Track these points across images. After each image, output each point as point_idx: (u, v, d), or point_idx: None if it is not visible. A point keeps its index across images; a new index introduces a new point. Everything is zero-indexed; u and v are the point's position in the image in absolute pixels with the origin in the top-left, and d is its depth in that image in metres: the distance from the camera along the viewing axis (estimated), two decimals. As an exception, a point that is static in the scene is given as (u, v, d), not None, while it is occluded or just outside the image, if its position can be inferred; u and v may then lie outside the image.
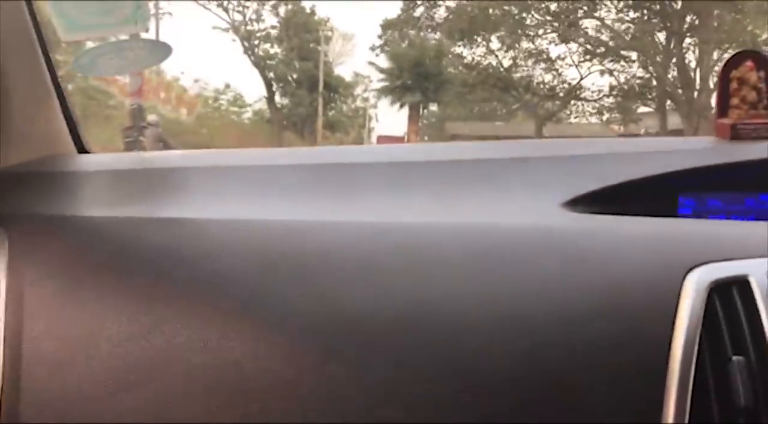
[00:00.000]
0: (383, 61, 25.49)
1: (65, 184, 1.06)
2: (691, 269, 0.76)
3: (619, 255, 0.81)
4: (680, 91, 24.02)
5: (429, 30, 25.67)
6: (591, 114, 33.44)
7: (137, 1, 1.14)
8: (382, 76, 25.08)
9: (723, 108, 1.15)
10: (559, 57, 31.23)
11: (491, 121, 41.67)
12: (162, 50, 1.21)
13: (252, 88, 32.86)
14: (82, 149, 1.26)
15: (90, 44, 1.20)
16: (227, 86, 36.64)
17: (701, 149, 1.10)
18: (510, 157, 1.06)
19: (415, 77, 22.75)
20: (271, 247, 0.86)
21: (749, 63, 1.12)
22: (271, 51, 32.96)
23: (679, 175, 1.00)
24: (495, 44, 30.54)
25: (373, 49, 28.70)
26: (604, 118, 33.33)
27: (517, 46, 30.54)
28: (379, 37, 26.31)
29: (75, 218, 0.94)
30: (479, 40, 28.92)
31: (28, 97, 1.12)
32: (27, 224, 0.93)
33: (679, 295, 0.74)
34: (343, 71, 40.71)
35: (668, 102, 27.62)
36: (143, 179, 1.08)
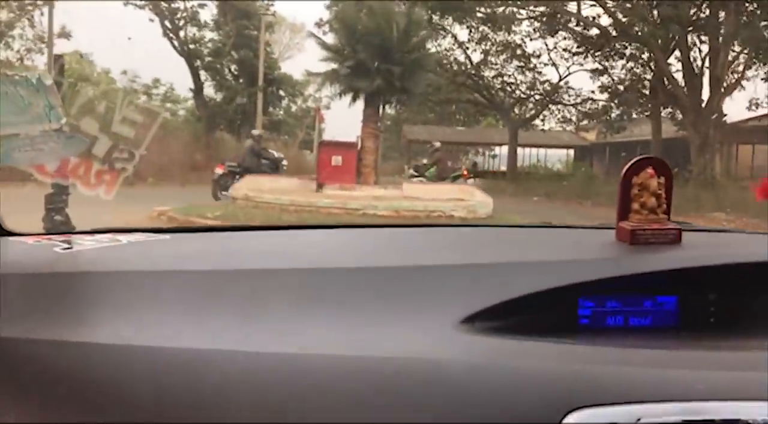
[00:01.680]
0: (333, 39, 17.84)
1: None
2: (568, 413, 0.82)
3: (502, 393, 0.87)
4: (686, 93, 20.01)
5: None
6: (567, 120, 29.59)
7: (50, 101, 1.24)
8: (327, 55, 16.99)
9: (624, 212, 1.23)
10: (534, 54, 27.32)
11: (453, 126, 38.02)
12: (77, 143, 1.29)
13: (186, 80, 27.49)
14: (2, 231, 1.33)
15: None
16: (157, 80, 32.15)
17: (600, 259, 1.17)
18: (414, 266, 1.13)
19: (374, 56, 15.53)
20: (173, 376, 0.90)
21: (650, 170, 1.20)
22: (200, 35, 28.12)
23: (579, 286, 1.06)
24: (464, 35, 26.43)
25: (319, 24, 23.33)
26: (585, 123, 29.47)
27: (489, 37, 26.41)
28: (328, 7, 20.69)
29: None
30: (446, 25, 24.68)
31: None
32: None
33: None
34: (292, 67, 36.02)
35: (663, 108, 23.79)
36: (58, 291, 1.08)
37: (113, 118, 1.30)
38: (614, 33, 22.10)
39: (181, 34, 26.58)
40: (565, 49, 26.05)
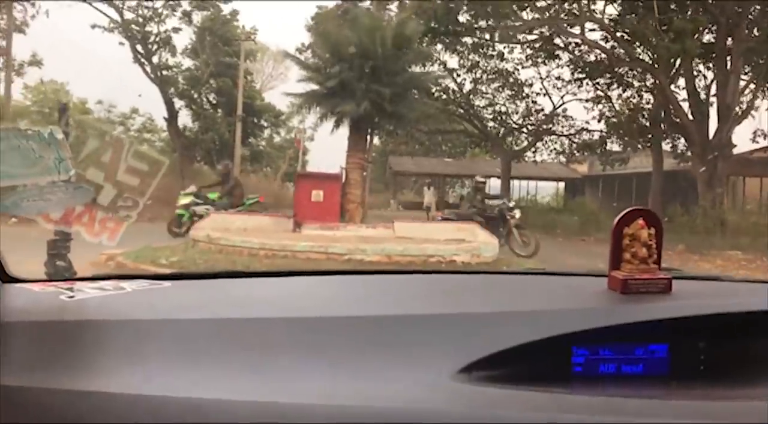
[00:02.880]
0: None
1: None
2: None
3: None
4: (692, 122, 18.69)
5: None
6: (561, 152, 28.38)
7: (60, 154, 1.29)
8: (306, 74, 14.80)
9: (615, 261, 1.27)
10: (526, 82, 26.14)
11: (440, 157, 36.85)
12: (83, 194, 1.34)
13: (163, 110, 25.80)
14: (7, 278, 1.36)
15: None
16: (135, 111, 30.68)
17: (593, 309, 1.18)
18: (410, 315, 1.14)
19: (361, 76, 13.39)
20: None
21: (640, 221, 1.25)
22: (176, 62, 26.62)
23: (573, 335, 1.07)
24: (453, 62, 25.14)
25: (301, 50, 21.52)
26: (579, 155, 28.23)
27: (480, 64, 25.15)
28: (309, 29, 18.74)
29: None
30: (437, 51, 23.30)
31: None
32: None
33: None
34: (275, 98, 34.75)
35: (665, 139, 22.56)
36: (65, 340, 1.09)
37: (118, 167, 1.34)
38: (617, 57, 20.85)
39: (155, 59, 25.05)
40: (558, 78, 24.98)
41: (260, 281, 1.65)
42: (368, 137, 15.41)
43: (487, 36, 22.62)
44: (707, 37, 19.45)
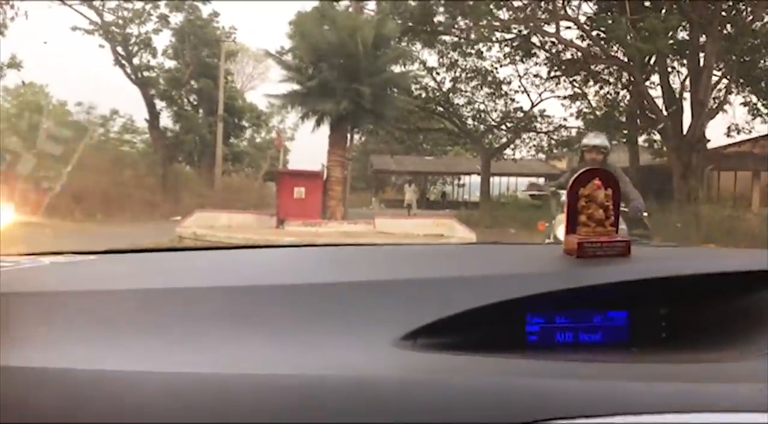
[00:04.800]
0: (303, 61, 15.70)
1: None
2: None
3: (442, 409, 0.80)
4: (667, 117, 19.08)
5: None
6: (540, 149, 28.75)
7: None
8: (287, 74, 15.29)
9: (572, 224, 1.19)
10: (504, 81, 26.45)
11: (421, 155, 37.08)
12: None
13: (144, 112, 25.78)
14: None
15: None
16: (115, 112, 30.65)
17: (547, 273, 1.13)
18: (352, 282, 1.08)
19: (340, 76, 13.67)
20: (89, 399, 0.84)
21: (597, 181, 1.17)
22: (157, 63, 26.63)
23: (527, 300, 1.02)
24: (433, 60, 25.43)
25: (281, 53, 21.39)
26: (557, 152, 28.61)
27: (459, 63, 25.44)
28: (290, 37, 18.43)
29: None
30: (417, 50, 23.59)
31: None
32: None
33: None
34: (255, 98, 34.88)
35: (641, 134, 22.98)
36: None
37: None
38: (592, 54, 21.18)
39: (135, 61, 25.05)
40: (536, 76, 25.29)
41: (197, 254, 1.54)
42: (348, 135, 15.70)
43: (465, 35, 22.84)
44: (681, 35, 19.85)
